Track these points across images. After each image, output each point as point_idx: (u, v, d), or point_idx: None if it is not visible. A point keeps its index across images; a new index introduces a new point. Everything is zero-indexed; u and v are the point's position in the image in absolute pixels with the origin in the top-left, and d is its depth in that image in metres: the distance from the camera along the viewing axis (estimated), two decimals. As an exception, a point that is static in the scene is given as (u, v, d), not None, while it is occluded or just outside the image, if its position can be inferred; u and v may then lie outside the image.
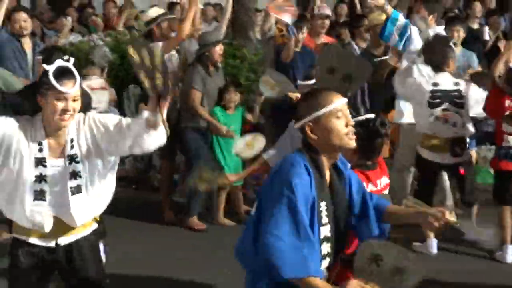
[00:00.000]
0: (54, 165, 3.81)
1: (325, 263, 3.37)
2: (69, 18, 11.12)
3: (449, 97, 6.58)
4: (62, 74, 3.70)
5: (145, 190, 9.32)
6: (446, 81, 6.65)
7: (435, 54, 6.59)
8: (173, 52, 8.29)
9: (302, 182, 3.22)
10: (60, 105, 3.69)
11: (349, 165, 3.64)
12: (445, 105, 6.59)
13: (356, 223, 3.53)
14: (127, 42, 9.60)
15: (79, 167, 3.82)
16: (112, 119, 3.88)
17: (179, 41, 7.82)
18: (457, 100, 6.62)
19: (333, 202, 3.41)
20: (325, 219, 3.34)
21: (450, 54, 6.70)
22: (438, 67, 6.63)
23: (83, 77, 6.76)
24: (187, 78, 7.89)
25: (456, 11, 11.16)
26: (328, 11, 8.83)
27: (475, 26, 10.28)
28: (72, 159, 3.81)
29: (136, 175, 9.71)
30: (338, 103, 3.39)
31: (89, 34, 10.94)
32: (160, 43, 7.67)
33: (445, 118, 6.56)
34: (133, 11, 11.64)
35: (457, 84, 6.67)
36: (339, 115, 3.36)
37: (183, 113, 7.84)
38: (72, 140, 3.81)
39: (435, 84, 6.61)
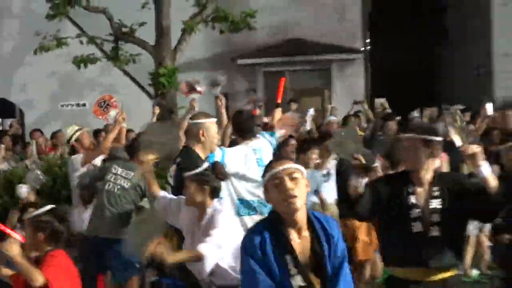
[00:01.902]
0: None
1: None
2: (2, 146, 10.91)
3: None
4: None
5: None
6: None
7: None
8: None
9: (252, 243, 3.42)
10: None
11: (335, 230, 3.57)
12: None
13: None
14: (59, 166, 9.43)
15: None
16: None
17: (99, 154, 7.66)
18: None
19: (306, 255, 3.46)
20: (293, 271, 3.38)
21: None
22: None
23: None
24: None
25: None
26: None
27: None
28: None
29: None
30: (276, 170, 3.45)
31: (20, 161, 10.79)
32: (80, 156, 7.70)
33: None
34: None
35: None
36: (276, 182, 3.42)
37: None
38: None
39: None
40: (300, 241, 3.47)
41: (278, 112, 7.53)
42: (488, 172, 4.18)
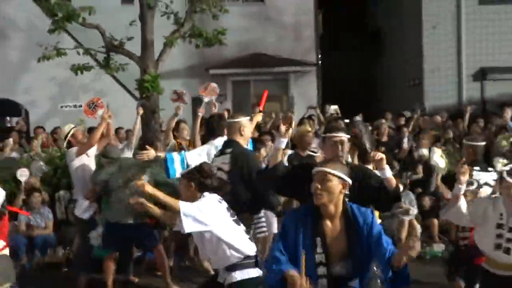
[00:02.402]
0: None
1: (322, 282, 3.68)
2: (11, 140, 10.92)
3: None
4: None
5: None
6: None
7: None
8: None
9: (290, 223, 3.77)
10: None
11: (369, 219, 3.75)
12: None
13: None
14: (59, 157, 9.47)
15: None
16: None
17: (90, 146, 7.62)
18: None
19: (335, 238, 3.72)
20: (319, 249, 3.67)
21: None
22: None
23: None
24: None
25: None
26: None
27: None
28: None
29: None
30: (315, 170, 3.75)
31: (25, 153, 10.82)
32: (75, 148, 7.61)
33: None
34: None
35: None
36: (314, 178, 3.74)
37: None
38: None
39: None
40: (332, 227, 3.73)
41: (259, 116, 7.55)
42: (389, 174, 4.44)
